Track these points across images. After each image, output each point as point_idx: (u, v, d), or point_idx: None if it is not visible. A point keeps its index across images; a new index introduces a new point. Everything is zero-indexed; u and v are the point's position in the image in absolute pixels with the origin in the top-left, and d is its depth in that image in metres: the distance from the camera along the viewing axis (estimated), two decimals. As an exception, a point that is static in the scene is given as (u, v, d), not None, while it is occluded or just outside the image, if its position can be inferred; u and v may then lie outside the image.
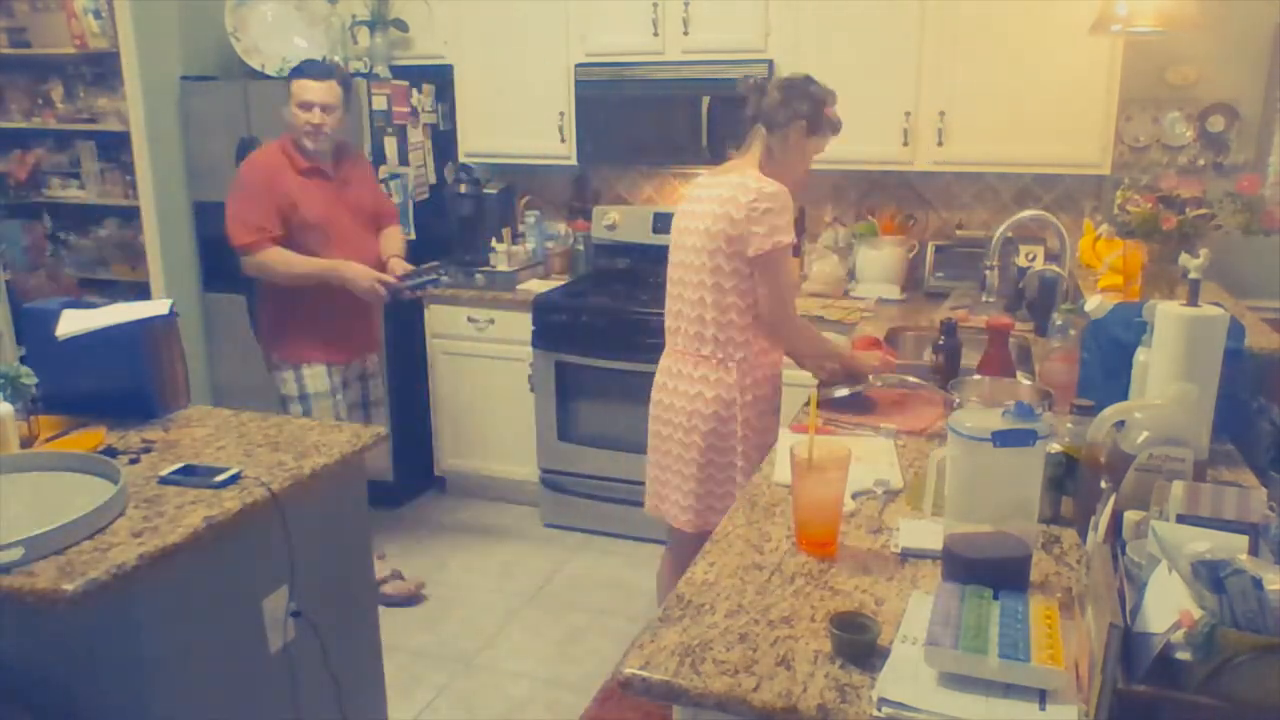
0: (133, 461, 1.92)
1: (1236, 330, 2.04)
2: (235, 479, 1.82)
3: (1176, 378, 1.69)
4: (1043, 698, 1.11)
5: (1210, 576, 1.06)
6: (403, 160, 3.86)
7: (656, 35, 3.64)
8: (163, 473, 1.83)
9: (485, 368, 3.91)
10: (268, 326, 3.16)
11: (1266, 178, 3.36)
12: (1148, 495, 1.40)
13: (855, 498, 1.71)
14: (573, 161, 3.91)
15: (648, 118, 3.70)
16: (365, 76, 3.82)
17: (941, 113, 3.37)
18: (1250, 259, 3.25)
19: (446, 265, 3.48)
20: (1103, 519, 1.34)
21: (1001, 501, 1.43)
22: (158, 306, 2.17)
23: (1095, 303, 2.14)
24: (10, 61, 4.30)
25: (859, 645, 1.23)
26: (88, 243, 4.49)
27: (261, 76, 3.92)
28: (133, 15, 3.78)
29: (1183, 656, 1.04)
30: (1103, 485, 1.49)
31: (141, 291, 4.03)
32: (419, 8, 3.93)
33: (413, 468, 4.08)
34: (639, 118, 3.71)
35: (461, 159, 4.08)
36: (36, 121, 4.32)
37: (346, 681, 2.11)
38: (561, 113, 3.83)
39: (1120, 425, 1.58)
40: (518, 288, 3.89)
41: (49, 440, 1.99)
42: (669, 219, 4.02)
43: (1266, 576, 1.05)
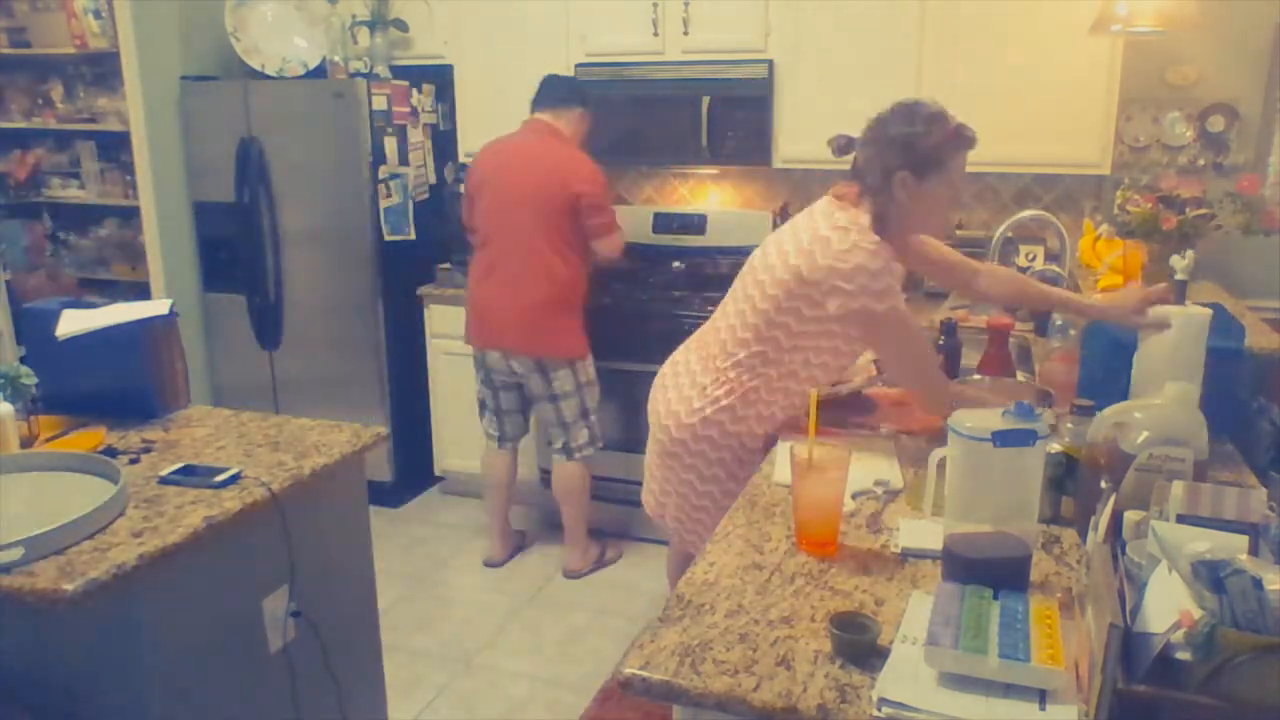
0: (133, 461, 1.92)
1: (1236, 330, 2.04)
2: (235, 479, 1.82)
3: (1163, 376, 1.70)
4: (1043, 698, 1.12)
5: (1210, 576, 1.06)
6: (403, 160, 3.86)
7: (656, 35, 3.64)
8: (163, 473, 1.84)
9: (485, 368, 3.91)
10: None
11: (1266, 178, 3.35)
12: (1148, 495, 1.40)
13: (855, 498, 1.71)
14: (573, 161, 3.92)
15: (648, 117, 3.70)
16: (365, 76, 3.82)
17: (941, 113, 3.36)
18: (1250, 259, 3.26)
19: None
20: (1103, 519, 1.34)
21: (1001, 501, 1.43)
22: (158, 306, 2.17)
23: (1095, 303, 2.14)
24: (10, 61, 4.30)
25: (859, 645, 1.23)
26: (88, 243, 4.48)
27: (261, 76, 3.92)
28: (133, 15, 3.78)
29: (1183, 656, 1.04)
30: (1103, 485, 1.49)
31: (141, 291, 4.03)
32: (419, 8, 3.93)
33: (413, 468, 4.08)
34: (639, 117, 3.71)
35: (461, 159, 4.08)
36: (36, 121, 4.32)
37: (346, 681, 2.11)
38: (561, 113, 3.83)
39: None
40: (518, 288, 3.89)
41: (49, 440, 1.99)
42: (669, 219, 4.08)
43: (1266, 576, 1.05)
